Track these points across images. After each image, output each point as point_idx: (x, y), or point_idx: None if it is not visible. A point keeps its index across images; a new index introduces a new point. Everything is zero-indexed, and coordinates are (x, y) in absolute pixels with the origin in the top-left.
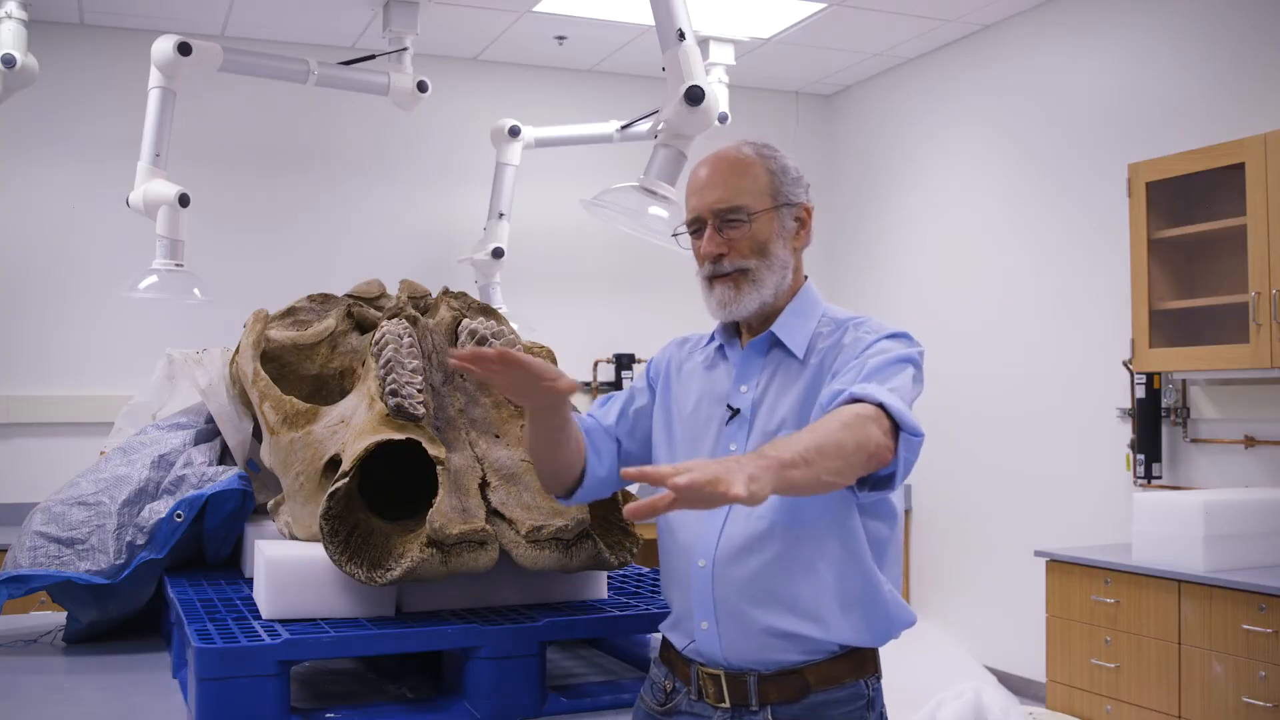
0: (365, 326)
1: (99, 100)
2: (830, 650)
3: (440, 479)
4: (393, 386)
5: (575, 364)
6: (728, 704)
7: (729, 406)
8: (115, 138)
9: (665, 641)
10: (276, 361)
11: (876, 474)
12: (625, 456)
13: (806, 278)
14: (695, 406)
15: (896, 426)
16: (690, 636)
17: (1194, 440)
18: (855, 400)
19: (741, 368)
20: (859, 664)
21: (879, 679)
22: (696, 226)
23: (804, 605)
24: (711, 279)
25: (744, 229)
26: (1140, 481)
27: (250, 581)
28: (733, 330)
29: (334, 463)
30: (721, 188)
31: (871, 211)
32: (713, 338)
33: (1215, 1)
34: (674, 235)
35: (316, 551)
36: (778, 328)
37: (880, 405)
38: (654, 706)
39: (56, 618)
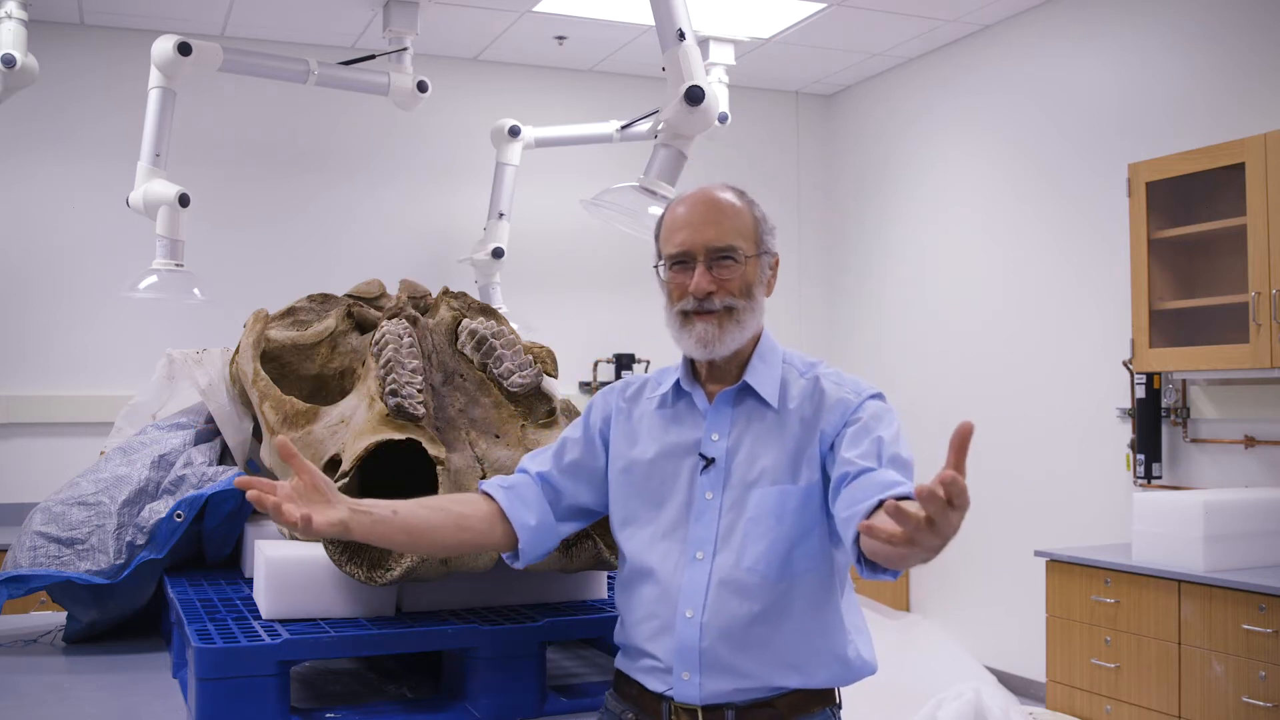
0: (365, 326)
1: (99, 100)
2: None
3: (440, 479)
4: (393, 386)
5: (575, 364)
6: None
7: (702, 455)
8: (115, 138)
9: (624, 678)
10: (276, 361)
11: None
12: (570, 506)
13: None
14: (658, 455)
15: None
16: (667, 684)
17: (1194, 440)
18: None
19: (713, 417)
20: (826, 695)
21: (840, 708)
22: (681, 261)
23: (786, 657)
24: (692, 314)
25: (736, 269)
26: (1140, 481)
27: (250, 581)
28: (692, 375)
29: (334, 463)
30: (716, 226)
31: (871, 211)
32: (673, 381)
33: (1215, 1)
34: (654, 268)
35: (316, 551)
36: (750, 377)
37: None
38: None
39: (56, 618)
